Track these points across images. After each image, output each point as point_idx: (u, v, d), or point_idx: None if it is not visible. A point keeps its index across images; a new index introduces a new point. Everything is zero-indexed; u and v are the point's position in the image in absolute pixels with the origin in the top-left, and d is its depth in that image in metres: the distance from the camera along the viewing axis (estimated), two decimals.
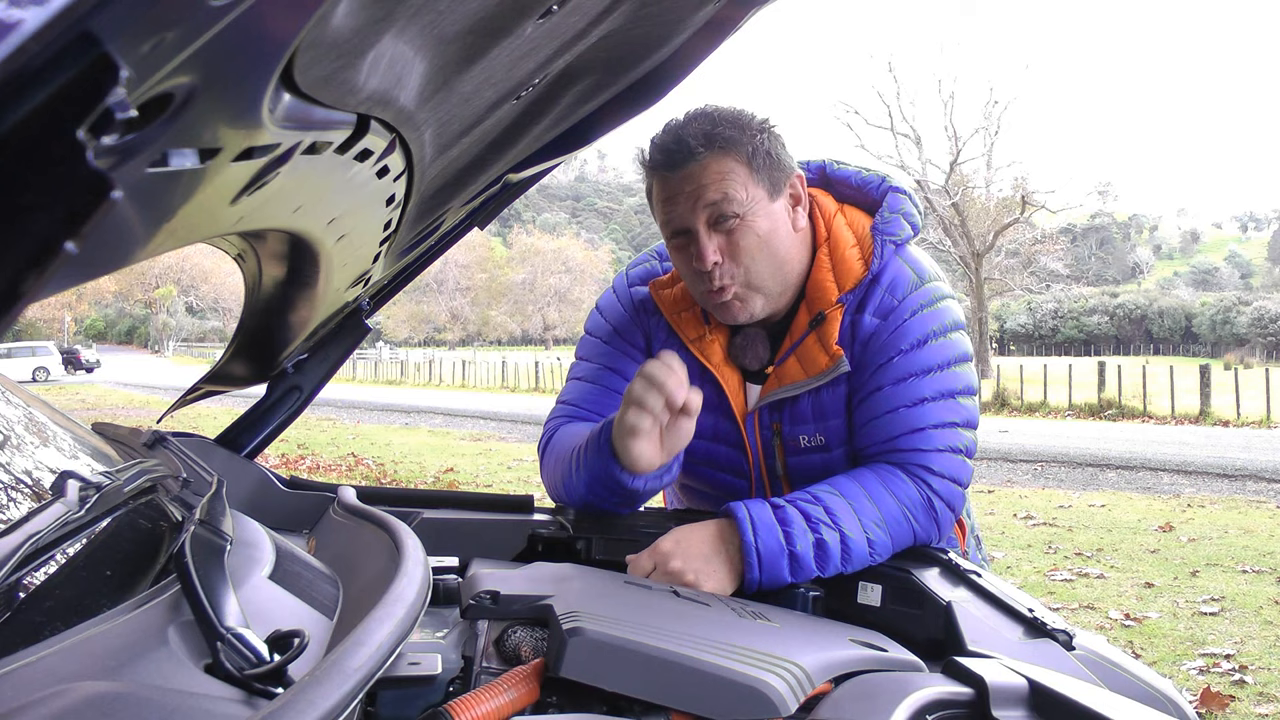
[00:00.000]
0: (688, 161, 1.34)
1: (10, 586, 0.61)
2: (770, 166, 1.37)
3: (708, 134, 1.34)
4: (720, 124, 1.35)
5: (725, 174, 1.34)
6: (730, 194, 1.34)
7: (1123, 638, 4.05)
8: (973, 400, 1.40)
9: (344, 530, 1.19)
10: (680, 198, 1.36)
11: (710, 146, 1.34)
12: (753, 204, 1.35)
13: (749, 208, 1.35)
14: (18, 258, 0.32)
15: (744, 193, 1.34)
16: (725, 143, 1.34)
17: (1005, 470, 9.55)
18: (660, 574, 1.21)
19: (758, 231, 1.36)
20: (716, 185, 1.34)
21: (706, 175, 1.34)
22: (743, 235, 1.35)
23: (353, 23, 0.56)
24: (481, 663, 0.91)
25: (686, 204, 1.35)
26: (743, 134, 1.36)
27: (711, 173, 1.34)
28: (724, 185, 1.34)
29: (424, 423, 15.80)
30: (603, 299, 1.63)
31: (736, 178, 1.34)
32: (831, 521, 1.24)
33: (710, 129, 1.35)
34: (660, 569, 1.22)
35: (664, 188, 1.38)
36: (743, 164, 1.35)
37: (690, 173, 1.34)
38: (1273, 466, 9.24)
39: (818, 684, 0.87)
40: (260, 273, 1.22)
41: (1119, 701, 0.90)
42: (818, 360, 1.39)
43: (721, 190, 1.34)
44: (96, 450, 1.11)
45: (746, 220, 1.35)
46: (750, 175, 1.35)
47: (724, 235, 1.36)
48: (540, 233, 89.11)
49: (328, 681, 0.52)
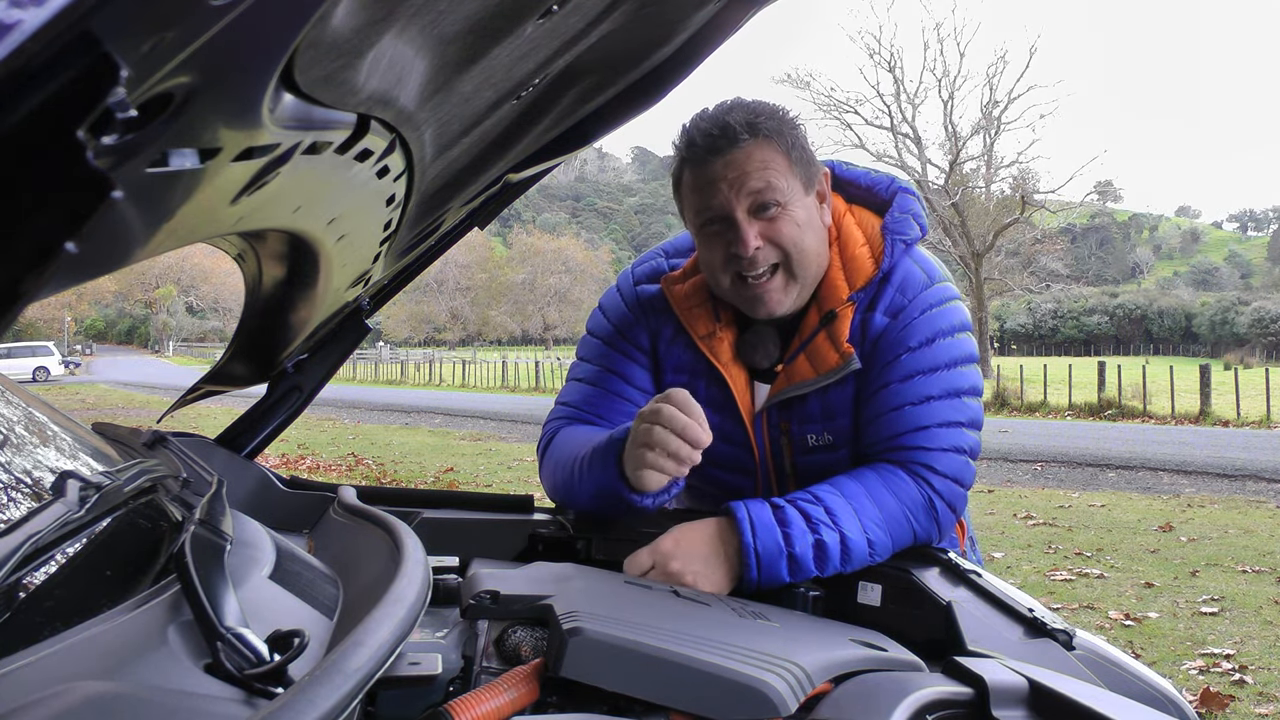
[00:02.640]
0: (731, 147, 1.33)
1: (10, 586, 0.61)
2: (805, 161, 1.38)
3: (751, 123, 1.34)
4: (761, 114, 1.36)
5: (768, 163, 1.34)
6: (773, 182, 1.33)
7: (1123, 638, 4.05)
8: (978, 401, 1.41)
9: (344, 530, 1.19)
10: (721, 183, 1.34)
11: (755, 134, 1.34)
12: (792, 194, 1.35)
13: (789, 197, 1.35)
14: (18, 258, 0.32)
15: (785, 183, 1.34)
16: (769, 132, 1.34)
17: (1005, 470, 9.55)
18: (659, 573, 1.21)
19: (797, 221, 1.36)
20: (760, 173, 1.33)
21: (750, 163, 1.33)
22: (784, 224, 1.35)
23: (353, 23, 0.56)
24: (481, 663, 0.91)
25: (728, 190, 1.34)
26: (782, 125, 1.36)
27: (755, 160, 1.33)
28: (767, 174, 1.33)
29: (424, 423, 15.80)
30: (605, 297, 1.61)
31: (778, 167, 1.34)
32: (832, 522, 1.24)
33: (753, 118, 1.34)
34: (660, 569, 1.22)
35: (702, 174, 1.36)
36: (783, 155, 1.35)
37: (733, 159, 1.34)
38: (1273, 466, 9.24)
39: (818, 684, 0.87)
40: (260, 273, 1.23)
41: (1119, 701, 0.91)
42: (828, 358, 1.39)
43: (765, 179, 1.33)
44: (96, 450, 1.11)
45: (787, 210, 1.35)
46: (790, 167, 1.35)
47: (764, 223, 1.35)
48: (540, 233, 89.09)
49: (328, 681, 0.52)
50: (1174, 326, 75.04)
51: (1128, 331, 75.32)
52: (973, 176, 30.94)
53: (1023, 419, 15.90)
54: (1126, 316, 75.73)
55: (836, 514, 1.25)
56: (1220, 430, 13.63)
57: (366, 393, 25.43)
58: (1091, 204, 52.80)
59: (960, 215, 27.99)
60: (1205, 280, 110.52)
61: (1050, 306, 73.98)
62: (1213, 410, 15.01)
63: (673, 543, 1.23)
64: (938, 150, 31.50)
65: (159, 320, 69.89)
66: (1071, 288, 60.18)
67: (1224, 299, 76.13)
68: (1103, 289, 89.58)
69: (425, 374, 34.45)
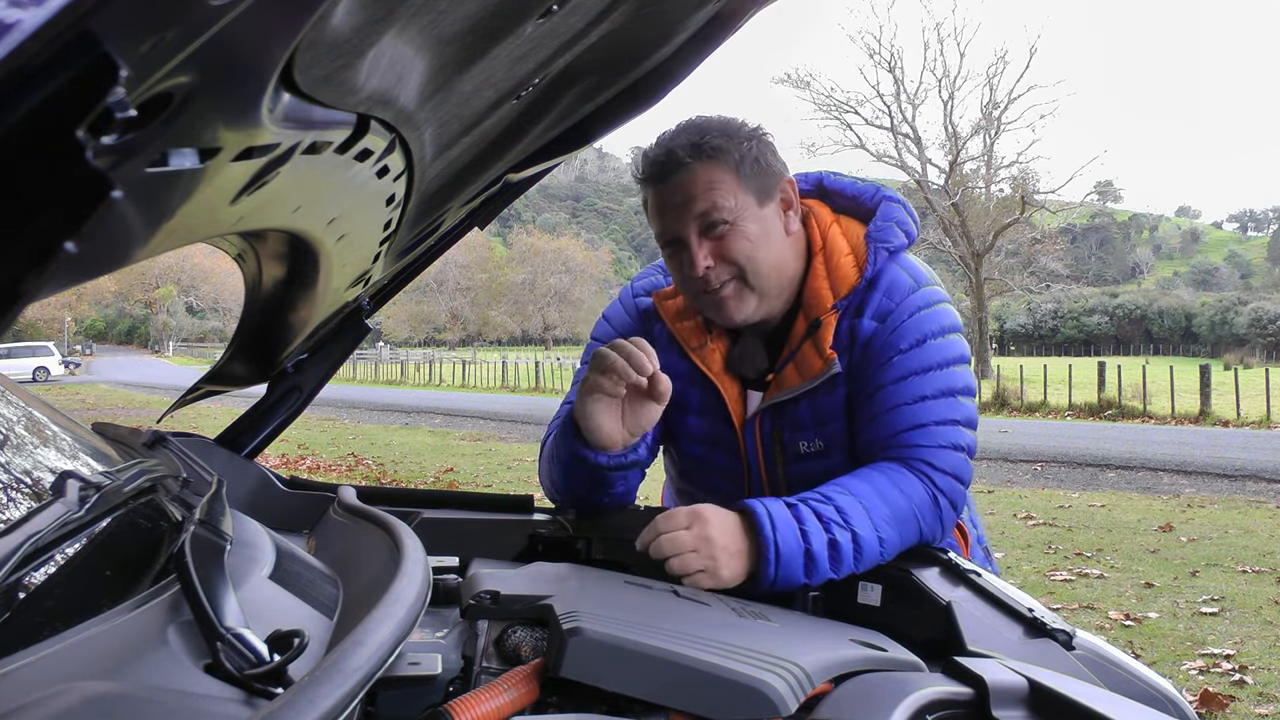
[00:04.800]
0: (676, 172, 1.38)
1: (10, 586, 0.61)
2: (759, 174, 1.41)
3: (695, 145, 1.38)
4: (708, 134, 1.39)
5: (713, 183, 1.37)
6: (718, 202, 1.37)
7: (1123, 638, 4.05)
8: (972, 400, 1.42)
9: (344, 530, 1.19)
10: (670, 208, 1.40)
11: (698, 156, 1.38)
12: (741, 210, 1.39)
13: (738, 214, 1.38)
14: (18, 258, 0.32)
15: (732, 200, 1.38)
16: (713, 151, 1.38)
17: (1005, 470, 9.55)
18: (693, 536, 1.19)
19: (748, 236, 1.39)
20: (705, 195, 1.37)
21: (695, 186, 1.38)
22: (733, 240, 1.39)
23: (353, 23, 0.56)
24: (481, 663, 0.91)
25: (676, 214, 1.39)
26: (730, 142, 1.39)
27: (700, 183, 1.37)
28: (712, 195, 1.37)
29: (424, 423, 15.80)
30: (609, 308, 1.69)
31: (724, 186, 1.38)
32: (844, 521, 1.24)
33: (698, 140, 1.38)
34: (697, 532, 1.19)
35: (656, 199, 1.43)
36: (730, 172, 1.38)
37: (679, 183, 1.38)
38: (1273, 466, 9.24)
39: (818, 684, 0.87)
40: (260, 273, 1.23)
41: (1119, 701, 0.91)
42: (813, 365, 1.42)
43: (710, 200, 1.37)
44: (96, 450, 1.11)
45: (736, 226, 1.39)
46: (738, 183, 1.39)
47: (714, 241, 1.39)
48: (540, 233, 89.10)
49: (328, 681, 0.52)
50: (1174, 327, 75.05)
51: (1128, 332, 75.33)
52: (973, 177, 30.93)
53: (1023, 419, 15.90)
54: (1126, 316, 75.74)
55: (848, 513, 1.25)
56: (1220, 430, 13.63)
57: (366, 393, 25.43)
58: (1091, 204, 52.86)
59: (960, 215, 27.96)
60: (1205, 280, 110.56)
61: (1050, 307, 74.00)
62: (1213, 410, 15.01)
63: (714, 516, 1.22)
64: (938, 150, 31.51)
65: (159, 320, 69.90)
66: (1071, 288, 60.29)
67: (1224, 299, 76.13)
68: (1103, 289, 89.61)
69: (425, 374, 34.45)
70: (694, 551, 1.18)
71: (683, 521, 1.21)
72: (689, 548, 1.18)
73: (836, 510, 1.25)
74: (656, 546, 1.20)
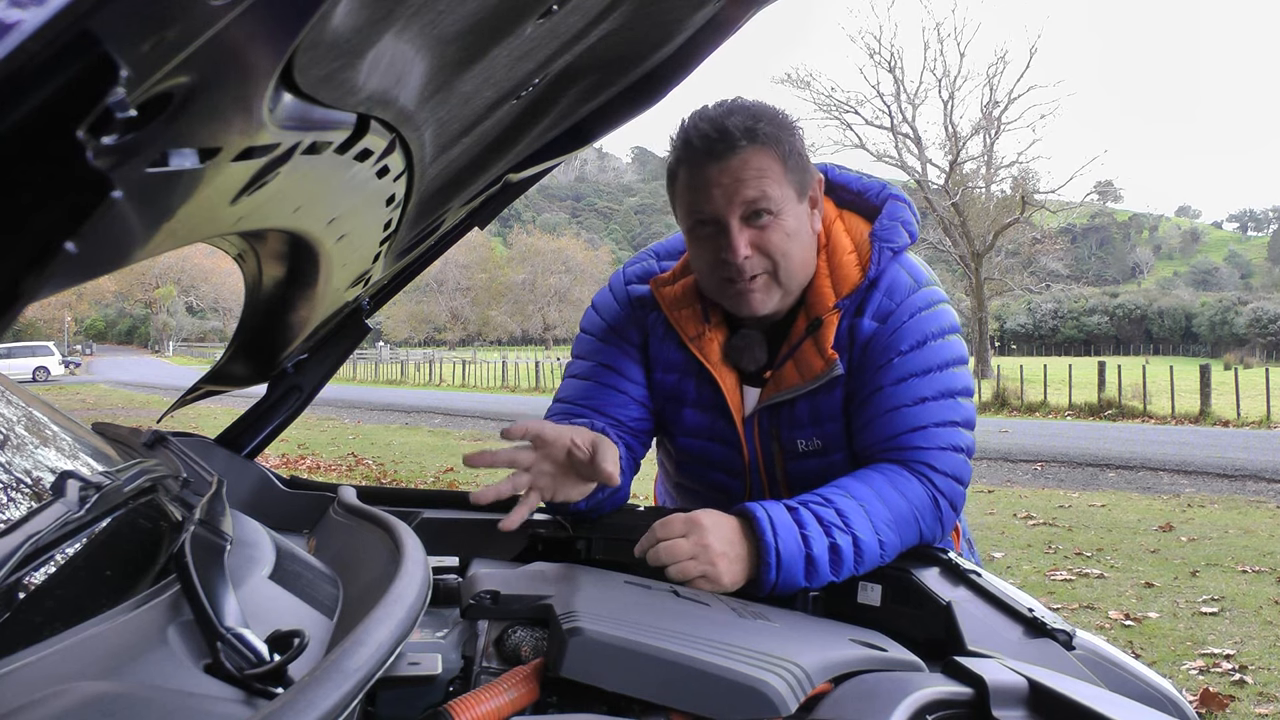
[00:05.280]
0: (729, 153, 1.32)
1: (10, 586, 0.61)
2: (801, 168, 1.37)
3: (750, 128, 1.32)
4: (761, 119, 1.34)
5: (764, 171, 1.33)
6: (768, 191, 1.32)
7: (1123, 638, 4.05)
8: (970, 401, 1.41)
9: (344, 530, 1.19)
10: (715, 189, 1.33)
11: (753, 140, 1.32)
12: (785, 203, 1.35)
13: (781, 206, 1.34)
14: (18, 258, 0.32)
15: (779, 191, 1.33)
16: (766, 139, 1.33)
17: (1005, 470, 9.55)
18: (691, 544, 1.19)
19: (787, 230, 1.35)
20: (755, 181, 1.32)
21: (746, 170, 1.32)
22: (773, 233, 1.34)
23: (353, 23, 0.56)
24: (481, 663, 0.91)
25: (721, 196, 1.33)
26: (781, 131, 1.35)
27: (751, 168, 1.32)
28: (762, 182, 1.32)
29: (424, 423, 15.79)
30: (598, 297, 1.62)
31: (774, 176, 1.33)
32: (844, 524, 1.23)
33: (753, 123, 1.33)
34: (694, 540, 1.19)
35: (697, 176, 1.35)
36: (779, 162, 1.34)
37: (730, 165, 1.32)
38: (1273, 466, 9.24)
39: (818, 684, 0.87)
40: (260, 273, 1.23)
41: (1119, 701, 0.91)
42: (813, 365, 1.39)
43: (760, 187, 1.32)
44: (96, 450, 1.11)
45: (779, 219, 1.34)
46: (785, 174, 1.34)
47: (755, 231, 1.35)
48: (540, 233, 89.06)
49: (328, 681, 0.52)
50: (1174, 326, 75.05)
51: (1128, 331, 75.32)
52: (973, 176, 30.90)
53: (1023, 419, 15.90)
54: (1126, 316, 75.73)
55: (848, 516, 1.25)
56: (1220, 430, 13.62)
57: (366, 393, 25.42)
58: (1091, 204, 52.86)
59: (960, 215, 27.95)
60: (1205, 280, 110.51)
61: (1050, 306, 73.98)
62: (1213, 410, 15.00)
63: (711, 521, 1.21)
64: (938, 150, 31.47)
65: (159, 320, 69.86)
66: (1071, 288, 60.18)
67: (1224, 299, 76.15)
68: (1103, 289, 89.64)
69: (425, 374, 34.44)
70: (692, 559, 1.18)
71: (679, 529, 1.20)
72: (686, 555, 1.18)
73: (837, 513, 1.25)
74: (654, 554, 1.19)
